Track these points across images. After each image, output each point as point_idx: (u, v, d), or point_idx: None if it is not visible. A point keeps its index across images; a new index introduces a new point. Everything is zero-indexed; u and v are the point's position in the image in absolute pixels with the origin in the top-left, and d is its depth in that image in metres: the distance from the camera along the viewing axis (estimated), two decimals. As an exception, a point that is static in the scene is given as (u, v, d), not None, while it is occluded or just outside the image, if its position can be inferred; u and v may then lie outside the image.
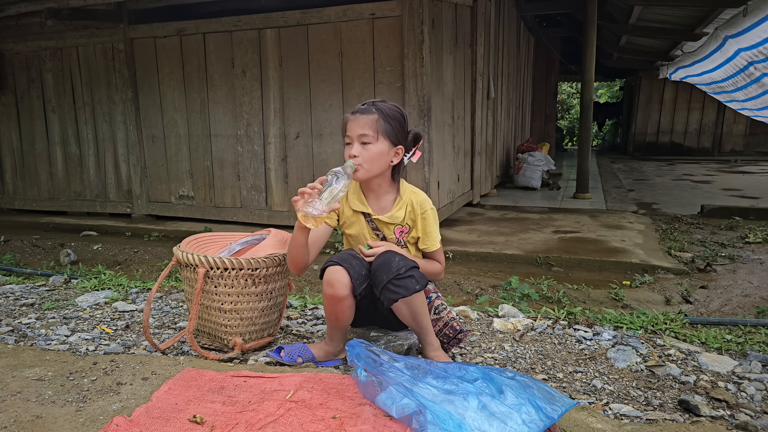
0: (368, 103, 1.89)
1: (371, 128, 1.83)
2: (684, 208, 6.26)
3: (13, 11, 5.10)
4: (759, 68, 3.98)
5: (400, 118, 1.89)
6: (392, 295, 1.74)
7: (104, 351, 2.14)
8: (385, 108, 1.88)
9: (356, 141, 1.84)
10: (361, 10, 4.63)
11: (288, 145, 5.19)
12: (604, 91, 21.88)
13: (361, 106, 1.88)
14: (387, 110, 1.87)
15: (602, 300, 3.41)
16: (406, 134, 1.93)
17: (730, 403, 1.68)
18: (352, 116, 1.87)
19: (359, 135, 1.83)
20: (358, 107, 1.89)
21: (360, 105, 1.89)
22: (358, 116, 1.85)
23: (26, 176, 6.50)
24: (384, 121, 1.85)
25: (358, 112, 1.86)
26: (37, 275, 3.77)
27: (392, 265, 1.76)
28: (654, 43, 8.02)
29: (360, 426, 1.47)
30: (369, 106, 1.87)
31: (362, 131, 1.83)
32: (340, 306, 1.83)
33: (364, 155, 1.83)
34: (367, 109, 1.86)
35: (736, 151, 12.60)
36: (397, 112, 1.90)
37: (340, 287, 1.78)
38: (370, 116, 1.84)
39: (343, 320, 1.90)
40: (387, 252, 1.84)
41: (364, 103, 1.89)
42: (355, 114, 1.86)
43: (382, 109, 1.87)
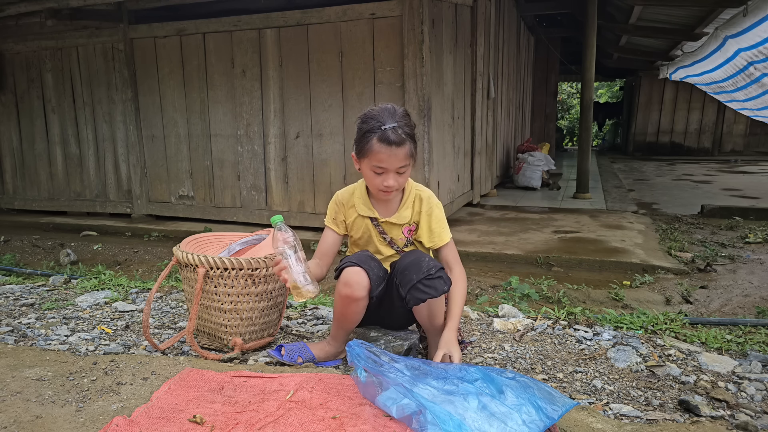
0: (397, 128, 1.77)
1: (407, 159, 1.80)
2: (684, 208, 6.26)
3: (13, 11, 5.11)
4: (759, 68, 3.98)
5: (414, 129, 1.85)
6: (421, 295, 1.75)
7: (104, 351, 2.14)
8: (410, 129, 1.82)
9: (393, 172, 1.80)
10: (361, 10, 4.63)
11: (288, 145, 5.19)
12: (604, 91, 21.89)
13: (392, 134, 1.75)
14: (412, 132, 1.82)
15: (602, 300, 3.41)
16: None
17: (730, 403, 1.68)
18: (388, 148, 1.75)
19: (397, 168, 1.80)
20: (390, 136, 1.75)
21: (390, 132, 1.75)
22: (395, 150, 1.76)
23: (26, 176, 6.50)
24: (412, 145, 1.81)
25: (394, 145, 1.75)
26: (37, 275, 3.77)
27: (422, 264, 1.76)
28: (654, 43, 8.02)
29: (360, 426, 1.47)
30: (401, 136, 1.77)
31: (400, 164, 1.79)
32: (353, 307, 1.84)
33: (400, 181, 1.83)
34: (401, 140, 1.76)
35: (737, 151, 12.60)
36: (414, 127, 1.85)
37: (358, 288, 1.80)
38: (406, 148, 1.78)
39: (353, 321, 1.91)
40: (416, 252, 1.86)
41: (393, 127, 1.76)
42: (390, 147, 1.75)
43: (410, 133, 1.80)
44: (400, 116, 1.81)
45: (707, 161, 11.98)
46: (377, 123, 1.77)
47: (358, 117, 1.86)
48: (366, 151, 1.79)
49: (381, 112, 1.80)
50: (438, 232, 1.95)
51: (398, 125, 1.77)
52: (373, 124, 1.78)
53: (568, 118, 21.08)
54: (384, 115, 1.79)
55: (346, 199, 2.01)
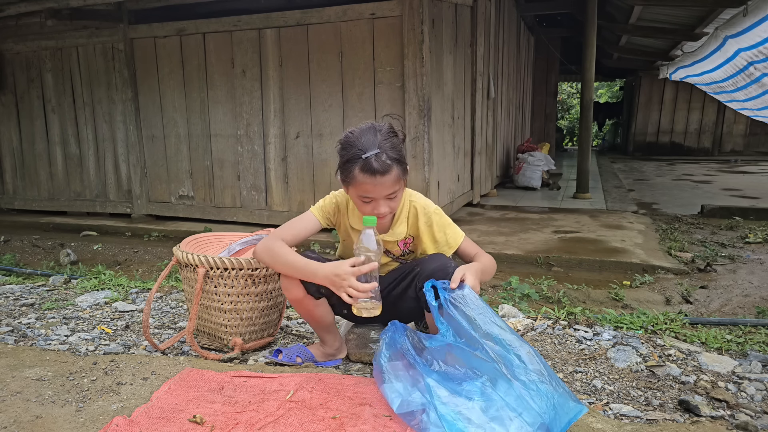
0: (380, 154, 1.62)
1: (395, 184, 1.67)
2: (684, 208, 6.26)
3: (13, 11, 5.11)
4: (759, 68, 3.98)
5: (403, 148, 1.72)
6: None
7: (104, 351, 2.14)
8: (396, 152, 1.66)
9: (382, 199, 1.68)
10: (361, 10, 4.63)
11: (288, 145, 5.19)
12: (604, 91, 21.89)
13: (376, 163, 1.60)
14: (398, 154, 1.67)
15: (602, 300, 3.41)
16: None
17: (730, 403, 1.68)
18: (372, 178, 1.62)
19: (386, 195, 1.68)
20: (373, 165, 1.60)
21: (373, 161, 1.60)
22: (380, 179, 1.62)
23: (26, 176, 6.50)
24: (400, 168, 1.67)
25: (378, 174, 1.61)
26: (37, 275, 3.77)
27: (449, 270, 1.70)
28: (654, 43, 8.02)
29: (360, 426, 1.47)
30: (385, 163, 1.62)
31: (388, 192, 1.67)
32: (304, 306, 1.84)
33: (392, 206, 1.73)
34: (386, 167, 1.62)
35: (737, 151, 12.60)
36: (401, 145, 1.71)
37: (292, 293, 1.82)
38: (392, 174, 1.64)
39: (318, 319, 1.90)
40: (442, 257, 1.78)
41: (376, 155, 1.61)
42: (375, 176, 1.61)
43: (396, 157, 1.65)
44: (384, 137, 1.65)
45: (707, 161, 11.98)
46: (357, 151, 1.62)
47: (338, 142, 1.71)
48: (350, 181, 1.67)
49: (360, 137, 1.65)
50: (444, 240, 1.85)
51: (381, 150, 1.62)
52: (353, 152, 1.63)
53: (568, 118, 21.08)
54: (364, 140, 1.64)
55: (343, 205, 1.89)
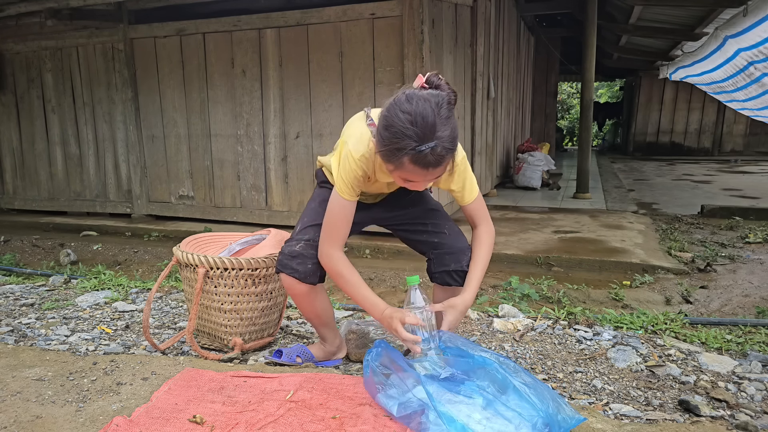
0: (437, 147, 1.39)
1: (444, 171, 1.52)
2: (684, 208, 6.26)
3: (13, 11, 5.11)
4: (759, 68, 3.98)
5: (457, 133, 1.47)
6: (450, 281, 1.83)
7: (104, 351, 2.14)
8: (453, 139, 1.44)
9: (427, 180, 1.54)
10: (361, 10, 4.63)
11: (288, 145, 5.19)
12: (604, 91, 21.89)
13: (431, 156, 1.40)
14: (455, 140, 1.45)
15: (602, 300, 3.41)
16: None
17: (730, 403, 1.68)
18: (423, 170, 1.44)
19: (431, 180, 1.55)
20: (428, 159, 1.40)
21: (429, 154, 1.39)
22: (431, 171, 1.45)
23: (26, 176, 6.50)
24: (454, 152, 1.47)
25: (431, 167, 1.43)
26: (37, 275, 3.77)
27: (463, 258, 1.80)
28: (654, 43, 8.02)
29: (360, 426, 1.47)
30: (440, 156, 1.42)
31: (434, 178, 1.53)
32: (306, 300, 1.83)
33: (434, 181, 1.62)
34: (441, 159, 1.43)
35: (737, 151, 12.60)
36: (456, 122, 1.47)
37: (295, 289, 1.80)
38: (445, 163, 1.47)
39: (319, 312, 1.89)
40: (462, 237, 1.84)
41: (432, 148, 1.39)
42: (427, 169, 1.44)
43: (451, 147, 1.44)
44: (443, 122, 1.41)
45: (707, 161, 11.98)
46: (410, 142, 1.39)
47: (383, 117, 1.45)
48: (393, 163, 1.47)
49: (416, 122, 1.38)
50: (460, 191, 1.74)
51: (438, 143, 1.39)
52: (405, 143, 1.40)
53: (568, 118, 21.09)
54: (420, 127, 1.38)
55: (371, 169, 1.66)
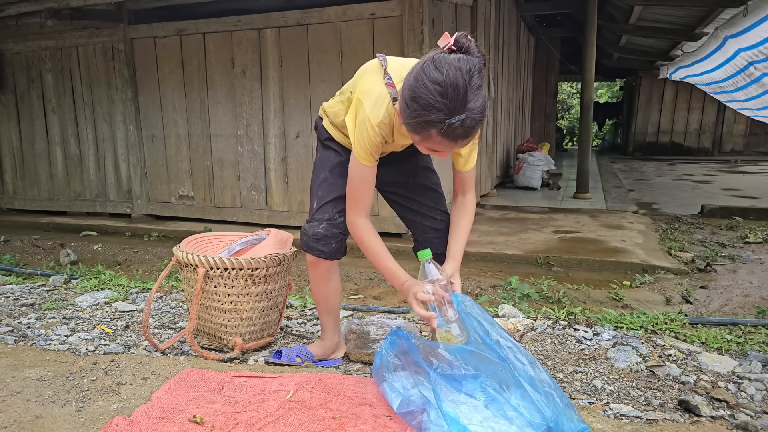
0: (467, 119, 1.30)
1: (473, 140, 1.45)
2: (684, 208, 6.26)
3: (13, 11, 5.11)
4: (759, 68, 3.98)
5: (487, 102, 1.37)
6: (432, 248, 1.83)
7: (104, 351, 2.14)
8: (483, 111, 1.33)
9: None
10: (361, 10, 4.63)
11: (288, 145, 5.19)
12: (604, 91, 21.89)
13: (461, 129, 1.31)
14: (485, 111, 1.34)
15: (602, 300, 3.41)
16: None
17: (730, 403, 1.68)
18: (452, 143, 1.36)
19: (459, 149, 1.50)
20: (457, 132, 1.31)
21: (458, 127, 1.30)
22: (460, 142, 1.38)
23: (26, 176, 6.50)
24: (483, 121, 1.37)
25: (461, 139, 1.35)
26: (37, 275, 3.77)
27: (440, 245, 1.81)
28: (654, 43, 8.02)
29: (360, 426, 1.47)
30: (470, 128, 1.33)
31: (460, 147, 1.44)
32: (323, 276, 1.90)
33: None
34: (471, 131, 1.34)
35: (736, 151, 12.60)
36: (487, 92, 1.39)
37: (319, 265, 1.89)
38: (474, 134, 1.38)
39: (328, 296, 1.94)
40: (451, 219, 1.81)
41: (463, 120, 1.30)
42: (456, 141, 1.36)
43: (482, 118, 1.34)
44: (474, 92, 1.29)
45: (707, 161, 11.98)
46: (439, 115, 1.30)
47: (410, 87, 1.34)
48: (420, 135, 1.38)
49: (445, 93, 1.28)
50: (465, 159, 1.71)
51: (468, 115, 1.29)
52: (434, 116, 1.30)
53: (568, 118, 21.09)
54: (450, 99, 1.28)
55: (389, 133, 1.61)
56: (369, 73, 1.64)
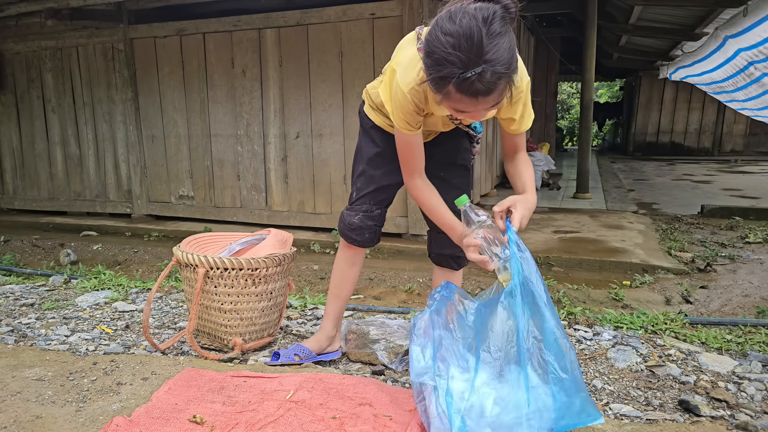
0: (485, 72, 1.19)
1: (501, 96, 1.29)
2: (684, 208, 6.26)
3: (13, 11, 5.11)
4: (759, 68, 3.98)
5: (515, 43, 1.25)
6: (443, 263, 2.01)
7: (104, 351, 2.14)
8: (506, 62, 1.21)
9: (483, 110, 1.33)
10: (361, 10, 4.63)
11: (288, 145, 5.19)
12: (604, 91, 21.88)
13: (479, 83, 1.20)
14: (509, 63, 1.22)
15: (602, 300, 3.41)
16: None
17: (730, 403, 1.68)
18: (473, 100, 1.25)
19: (488, 109, 1.33)
20: (475, 87, 1.21)
21: (475, 81, 1.19)
22: (482, 99, 1.25)
23: (26, 176, 6.50)
24: (511, 77, 1.26)
25: (481, 95, 1.23)
26: (37, 275, 3.77)
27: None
28: (654, 43, 8.02)
29: (360, 426, 1.47)
30: (490, 83, 1.21)
31: (491, 105, 1.31)
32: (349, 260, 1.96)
33: (493, 112, 1.39)
34: (493, 86, 1.22)
35: (736, 151, 12.59)
36: (514, 42, 1.24)
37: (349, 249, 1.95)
38: (499, 90, 1.25)
39: (346, 281, 1.98)
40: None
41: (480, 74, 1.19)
42: (477, 98, 1.24)
43: (506, 71, 1.21)
44: (491, 40, 1.17)
45: (707, 161, 11.98)
46: (453, 69, 1.20)
47: (426, 41, 1.26)
48: (440, 93, 1.28)
49: (458, 45, 1.18)
50: (517, 123, 1.59)
51: (486, 68, 1.18)
52: (447, 70, 1.21)
53: (568, 118, 21.08)
54: (463, 50, 1.18)
55: (422, 101, 1.51)
56: (404, 44, 1.58)
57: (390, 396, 1.64)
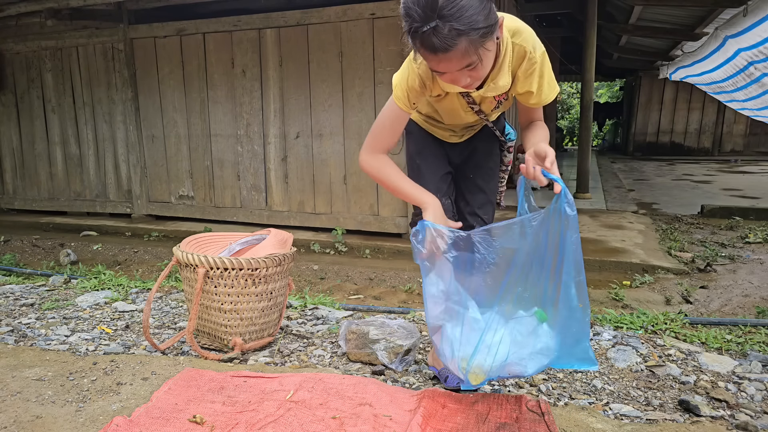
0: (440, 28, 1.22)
1: (467, 57, 1.29)
2: (684, 208, 6.26)
3: (13, 11, 5.11)
4: (759, 68, 3.98)
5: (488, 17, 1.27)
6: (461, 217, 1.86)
7: (104, 351, 2.14)
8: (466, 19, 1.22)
9: (458, 72, 1.34)
10: (361, 10, 4.63)
11: (288, 145, 5.19)
12: (604, 91, 21.89)
13: (435, 38, 1.23)
14: (469, 21, 1.23)
15: (602, 300, 3.41)
16: None
17: (730, 403, 1.68)
18: (434, 56, 1.29)
19: (459, 69, 1.33)
20: (432, 42, 1.24)
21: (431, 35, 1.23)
22: (442, 56, 1.28)
23: (26, 176, 6.50)
24: (475, 38, 1.25)
25: (440, 51, 1.26)
26: (37, 275, 3.77)
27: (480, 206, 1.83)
28: (654, 43, 8.02)
29: (360, 426, 1.47)
30: (448, 37, 1.23)
31: (461, 66, 1.32)
32: None
33: (474, 75, 1.37)
34: (450, 43, 1.24)
35: (736, 151, 12.60)
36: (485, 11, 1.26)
37: None
38: (459, 49, 1.26)
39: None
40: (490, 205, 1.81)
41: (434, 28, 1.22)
42: (437, 54, 1.27)
43: (463, 28, 1.23)
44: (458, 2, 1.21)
45: (707, 161, 11.98)
46: (413, 23, 1.25)
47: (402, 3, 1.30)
48: (415, 51, 1.35)
49: (418, 1, 1.23)
50: (537, 96, 1.55)
51: (442, 22, 1.21)
52: (409, 24, 1.26)
53: (568, 118, 21.08)
54: (422, 5, 1.22)
55: (426, 73, 1.52)
56: None
57: (390, 396, 1.64)
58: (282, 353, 2.12)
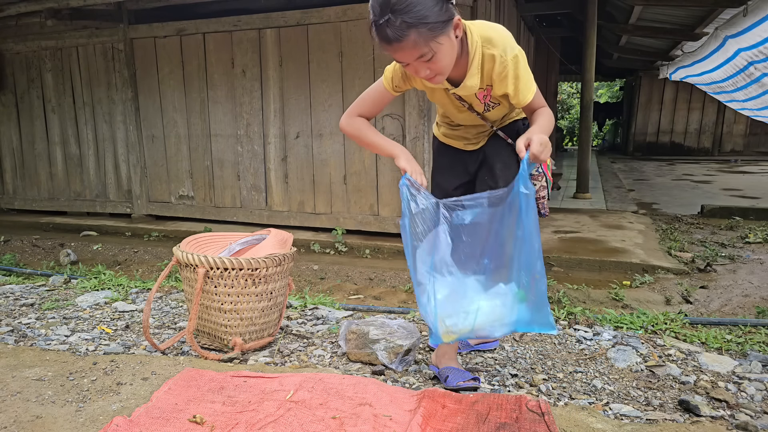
0: (392, 21, 1.38)
1: (420, 48, 1.43)
2: (684, 208, 6.26)
3: (13, 11, 5.11)
4: (759, 68, 3.99)
5: (442, 13, 1.43)
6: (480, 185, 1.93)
7: (104, 351, 2.14)
8: (415, 13, 1.38)
9: (415, 62, 1.49)
10: (361, 10, 4.63)
11: (288, 145, 5.19)
12: (604, 91, 21.88)
13: (388, 29, 1.40)
14: (418, 15, 1.38)
15: (602, 300, 3.41)
16: None
17: (730, 403, 1.68)
18: (388, 46, 1.46)
19: (414, 60, 1.47)
20: (385, 33, 1.41)
21: (385, 27, 1.40)
22: (396, 46, 1.44)
23: (26, 176, 6.50)
24: (424, 31, 1.40)
25: (394, 42, 1.42)
26: (37, 275, 3.77)
27: None
28: (654, 43, 8.02)
29: (360, 426, 1.47)
30: (397, 33, 1.39)
31: (414, 57, 1.46)
32: None
33: (434, 67, 1.50)
34: (400, 35, 1.40)
35: (736, 151, 12.60)
36: (436, 7, 1.41)
37: None
38: (409, 41, 1.42)
39: None
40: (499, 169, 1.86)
41: (386, 22, 1.39)
42: (390, 44, 1.44)
43: (413, 21, 1.38)
44: None
45: (707, 161, 11.98)
46: (372, 17, 1.43)
47: None
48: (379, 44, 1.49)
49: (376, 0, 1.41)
50: (514, 95, 1.63)
51: (393, 15, 1.37)
52: (371, 19, 1.44)
53: (568, 118, 21.08)
54: (379, 2, 1.40)
55: None
56: None
57: (390, 396, 1.64)
58: (282, 353, 2.12)
